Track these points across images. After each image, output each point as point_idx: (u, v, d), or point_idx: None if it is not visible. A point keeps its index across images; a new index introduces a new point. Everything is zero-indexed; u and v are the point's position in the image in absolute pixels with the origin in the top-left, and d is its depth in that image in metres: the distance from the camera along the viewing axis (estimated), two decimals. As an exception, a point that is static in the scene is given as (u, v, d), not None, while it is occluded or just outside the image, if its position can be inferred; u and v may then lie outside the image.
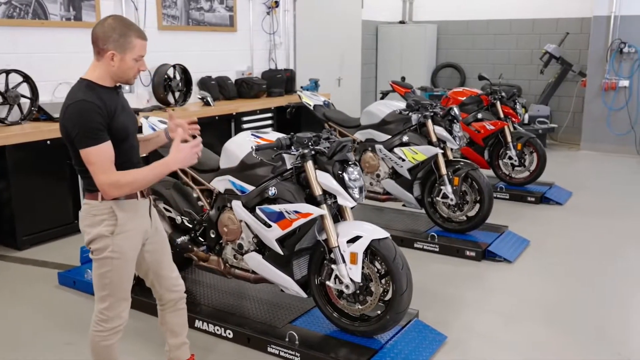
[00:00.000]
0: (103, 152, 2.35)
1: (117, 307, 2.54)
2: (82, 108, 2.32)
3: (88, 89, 2.38)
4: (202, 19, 7.23)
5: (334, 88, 9.27)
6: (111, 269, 2.48)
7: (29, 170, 4.90)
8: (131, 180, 2.39)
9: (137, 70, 2.48)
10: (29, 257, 4.73)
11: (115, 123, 2.42)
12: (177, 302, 2.84)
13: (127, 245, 2.49)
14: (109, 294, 2.51)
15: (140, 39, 2.44)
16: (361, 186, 3.22)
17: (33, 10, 5.42)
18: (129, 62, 2.42)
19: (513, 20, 10.02)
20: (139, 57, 2.45)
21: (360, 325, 3.22)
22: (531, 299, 3.96)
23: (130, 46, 2.40)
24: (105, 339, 2.55)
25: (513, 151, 6.41)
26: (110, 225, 2.45)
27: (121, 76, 2.46)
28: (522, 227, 5.33)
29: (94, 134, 2.32)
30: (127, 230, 2.48)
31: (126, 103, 2.59)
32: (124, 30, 2.40)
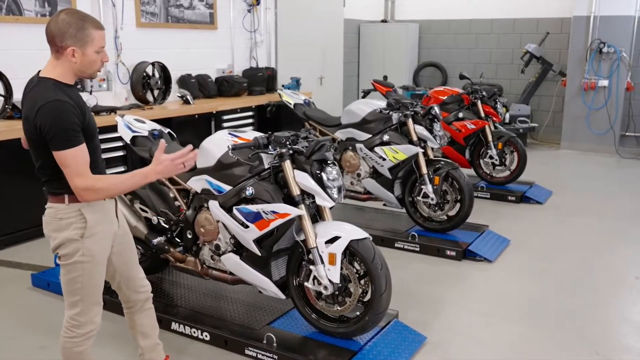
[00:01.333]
0: (79, 154, 2.27)
1: (89, 311, 2.47)
2: (58, 108, 2.23)
3: (56, 88, 2.29)
4: (182, 17, 7.14)
5: (315, 87, 9.23)
6: (82, 273, 2.40)
7: (2, 170, 4.79)
8: (107, 185, 2.32)
9: (100, 63, 2.39)
10: (3, 258, 4.63)
11: (86, 122, 2.35)
12: (144, 303, 2.78)
13: (97, 247, 2.42)
14: (80, 299, 2.44)
15: (98, 29, 2.35)
16: (340, 186, 3.18)
17: (7, 5, 5.30)
18: (91, 56, 2.34)
19: (494, 20, 10.06)
20: (100, 49, 2.36)
21: (339, 327, 3.18)
22: (511, 299, 3.96)
23: (89, 39, 2.31)
24: (77, 344, 2.48)
25: (494, 150, 6.42)
26: (80, 229, 2.37)
27: (85, 71, 2.37)
28: (503, 227, 5.33)
29: (72, 135, 2.25)
30: (97, 233, 2.41)
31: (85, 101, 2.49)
32: (80, 24, 2.30)
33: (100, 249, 2.44)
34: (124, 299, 2.76)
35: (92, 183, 2.29)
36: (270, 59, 8.67)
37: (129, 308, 2.77)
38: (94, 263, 2.42)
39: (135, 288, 2.72)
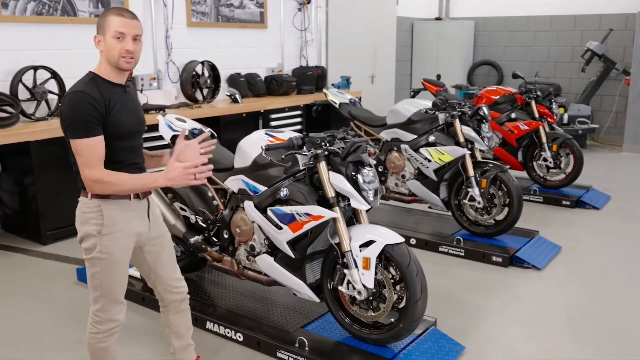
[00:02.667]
0: (92, 146, 2.30)
1: (110, 309, 2.49)
2: (78, 98, 2.29)
3: (90, 81, 2.36)
4: (232, 16, 7.19)
5: (366, 85, 9.13)
6: (100, 270, 2.42)
7: (54, 166, 4.93)
8: (115, 181, 2.33)
9: (121, 50, 2.34)
10: (52, 252, 4.77)
11: (111, 119, 2.36)
12: (180, 303, 2.78)
13: (115, 246, 2.41)
14: (100, 296, 2.46)
15: (118, 15, 2.35)
16: (376, 189, 3.09)
17: (62, 7, 5.46)
18: (109, 42, 2.34)
19: (554, 17, 9.68)
20: (117, 34, 2.33)
21: (372, 333, 3.10)
22: (558, 310, 3.77)
23: (106, 24, 2.35)
24: (100, 340, 2.51)
25: (548, 152, 6.16)
26: (97, 225, 2.38)
27: (111, 60, 2.37)
28: (555, 232, 5.11)
29: (86, 126, 2.28)
30: (115, 231, 2.41)
31: (133, 102, 2.52)
32: (104, 14, 2.38)
33: (118, 248, 2.43)
34: (159, 298, 2.77)
35: (102, 176, 2.31)
36: (320, 58, 8.63)
37: (164, 307, 2.79)
38: (112, 261, 2.42)
39: (169, 289, 2.72)
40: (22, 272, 4.42)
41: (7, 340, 3.42)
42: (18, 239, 5.08)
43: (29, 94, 5.14)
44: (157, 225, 2.65)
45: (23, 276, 4.33)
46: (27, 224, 5.06)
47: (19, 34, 5.19)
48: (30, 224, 5.01)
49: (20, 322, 3.64)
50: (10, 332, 3.52)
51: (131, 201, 2.46)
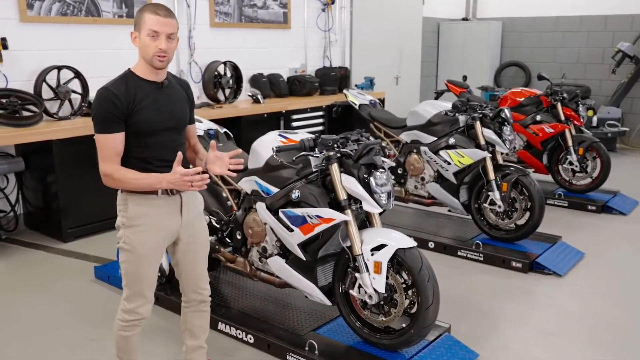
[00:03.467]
0: (109, 142, 2.38)
1: (134, 301, 2.55)
2: (101, 96, 2.38)
3: (121, 79, 2.44)
4: (255, 16, 7.20)
5: (391, 86, 9.06)
6: (125, 259, 2.52)
7: (76, 165, 5.00)
8: (121, 178, 2.39)
9: (155, 48, 2.38)
10: (72, 250, 4.83)
11: (135, 116, 2.40)
12: (199, 304, 2.81)
13: (137, 240, 2.47)
14: (126, 285, 2.55)
15: (153, 13, 2.38)
16: (389, 191, 3.04)
17: (86, 7, 5.54)
18: (144, 40, 2.40)
19: (584, 17, 9.48)
20: (151, 32, 2.38)
21: (383, 338, 3.05)
22: (577, 318, 3.67)
23: (142, 21, 2.40)
24: (123, 329, 2.59)
25: (574, 156, 6.03)
26: (123, 217, 2.49)
27: (145, 58, 2.43)
28: (578, 238, 4.98)
29: (106, 122, 2.37)
30: (138, 225, 2.46)
31: (167, 100, 2.52)
32: (140, 11, 2.42)
33: (140, 242, 2.47)
34: (182, 292, 2.81)
35: (112, 172, 2.38)
36: (344, 59, 8.60)
37: (185, 303, 2.82)
38: (135, 254, 2.48)
39: (193, 288, 2.76)
40: (41, 268, 4.48)
41: (20, 335, 3.47)
42: (40, 236, 5.17)
43: (52, 94, 5.21)
44: (193, 223, 2.64)
45: (42, 272, 4.39)
46: (49, 221, 5.14)
47: (44, 34, 5.27)
48: (52, 222, 5.08)
49: (34, 317, 3.69)
50: (23, 327, 3.57)
51: (159, 197, 2.47)
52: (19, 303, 3.89)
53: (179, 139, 2.60)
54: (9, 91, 4.94)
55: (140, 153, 2.45)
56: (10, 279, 4.32)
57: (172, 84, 2.57)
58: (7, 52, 4.98)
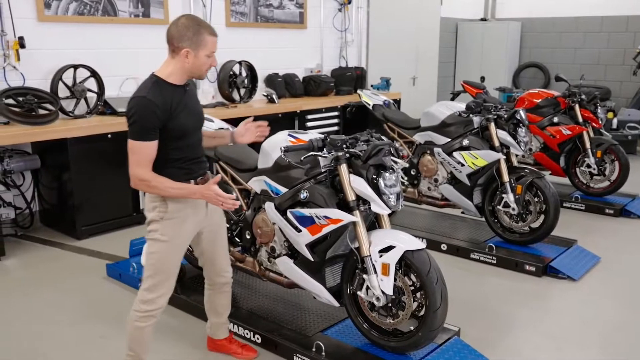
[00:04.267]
0: (145, 149, 2.52)
1: (156, 290, 2.68)
2: (142, 105, 2.49)
3: (155, 86, 2.54)
4: (271, 16, 7.21)
5: (407, 87, 9.02)
6: (156, 250, 2.67)
7: (90, 163, 5.04)
8: (159, 186, 2.55)
9: (209, 66, 2.64)
10: (85, 247, 4.87)
11: (172, 122, 2.55)
12: (223, 286, 3.07)
13: (174, 231, 2.66)
14: (151, 275, 2.68)
15: (212, 35, 2.59)
16: (398, 193, 3.02)
17: (103, 7, 5.58)
18: (202, 59, 2.58)
19: (605, 17, 9.34)
20: (210, 54, 2.60)
21: (391, 340, 3.03)
22: (591, 323, 3.61)
23: (202, 43, 2.55)
24: (139, 319, 2.69)
25: (592, 158, 5.93)
26: (161, 212, 2.64)
27: (194, 72, 2.61)
28: (595, 242, 4.90)
29: (144, 131, 2.50)
30: (175, 218, 2.65)
31: (192, 101, 2.72)
32: (197, 29, 2.55)
33: (176, 233, 2.67)
34: (206, 277, 3.06)
35: (150, 178, 2.54)
36: (360, 59, 8.58)
37: (209, 286, 3.08)
38: (169, 244, 2.66)
39: (217, 272, 3.01)
40: (55, 265, 4.53)
41: (32, 331, 3.50)
42: (55, 233, 5.22)
43: (68, 92, 5.26)
44: (215, 215, 2.89)
45: (55, 269, 4.44)
46: (63, 218, 5.19)
47: (61, 33, 5.33)
48: (67, 219, 5.13)
49: (46, 313, 3.72)
50: (35, 322, 3.60)
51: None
52: (32, 299, 3.94)
53: (201, 134, 2.81)
54: (25, 89, 5.00)
55: (177, 154, 2.63)
56: (24, 275, 4.37)
57: (190, 84, 2.73)
58: (24, 50, 5.04)
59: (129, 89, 5.87)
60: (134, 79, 5.88)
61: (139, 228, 5.34)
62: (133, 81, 5.88)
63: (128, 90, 5.86)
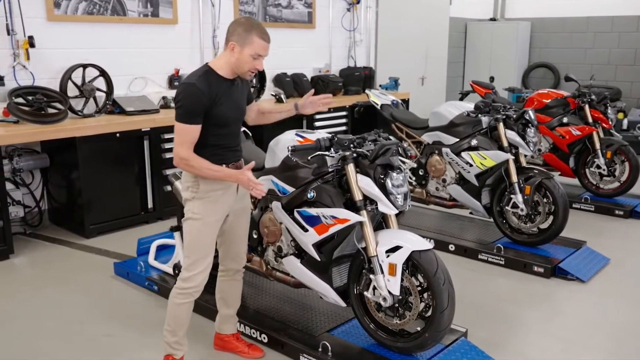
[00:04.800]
0: (189, 132, 2.66)
1: (192, 268, 2.80)
2: (189, 91, 2.64)
3: (204, 74, 2.68)
4: (280, 16, 7.21)
5: (416, 87, 8.99)
6: (190, 229, 2.81)
7: (99, 162, 5.06)
8: (196, 165, 2.67)
9: (252, 66, 2.70)
10: (94, 246, 4.89)
11: (215, 110, 2.68)
12: (235, 273, 3.13)
13: (206, 209, 2.78)
14: (187, 254, 2.83)
15: (262, 39, 2.67)
16: (405, 193, 3.00)
17: (112, 7, 5.60)
18: (245, 57, 2.66)
19: (615, 17, 9.27)
20: (256, 55, 2.67)
21: (397, 341, 3.02)
22: (600, 325, 3.58)
23: (249, 41, 2.65)
24: (177, 296, 2.84)
25: (602, 159, 5.89)
26: (193, 192, 2.79)
27: (238, 68, 2.70)
28: (604, 243, 4.86)
29: (189, 115, 2.64)
30: (206, 197, 2.77)
31: (237, 95, 2.82)
32: (249, 28, 2.66)
33: (208, 211, 2.79)
34: (220, 263, 3.11)
35: (190, 158, 2.67)
36: (369, 59, 8.56)
37: (222, 272, 3.13)
38: (201, 222, 2.79)
39: (233, 257, 3.09)
40: (63, 263, 4.55)
41: (39, 329, 3.52)
42: (63, 231, 5.24)
43: (77, 91, 5.28)
44: (244, 200, 3.03)
45: (63, 268, 4.46)
46: (72, 217, 5.21)
47: (70, 32, 5.35)
48: (75, 218, 5.15)
49: (53, 312, 3.74)
50: (43, 321, 3.62)
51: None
52: (40, 297, 3.95)
53: (240, 126, 2.96)
54: (35, 89, 5.02)
55: (215, 140, 2.75)
56: (32, 273, 4.39)
57: (238, 81, 2.84)
58: (33, 50, 5.06)
59: (138, 88, 5.90)
60: (142, 79, 5.91)
61: (147, 227, 5.35)
62: (142, 80, 5.91)
63: (137, 89, 5.88)
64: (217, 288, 3.17)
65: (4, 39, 4.94)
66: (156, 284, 3.98)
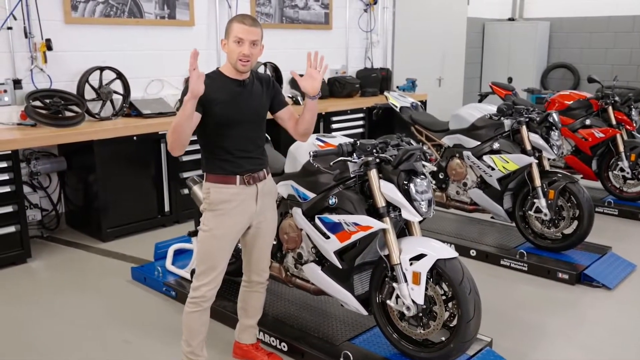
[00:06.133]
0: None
1: (202, 278, 2.78)
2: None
3: (211, 73, 2.70)
4: (297, 17, 7.15)
5: (433, 88, 8.88)
6: (201, 240, 2.80)
7: (116, 165, 5.03)
8: (169, 131, 2.58)
9: (239, 53, 2.61)
10: (111, 250, 4.86)
11: (216, 108, 2.63)
12: (257, 285, 3.06)
13: (215, 222, 2.74)
14: (197, 264, 2.83)
15: (240, 23, 2.61)
16: (430, 199, 2.93)
17: (129, 9, 5.58)
18: (231, 46, 2.63)
19: (637, 17, 9.10)
20: (237, 39, 2.60)
21: (421, 351, 2.94)
22: (628, 334, 3.47)
23: (230, 30, 2.64)
24: (187, 304, 2.82)
25: (625, 162, 5.77)
26: (207, 203, 2.78)
27: (231, 61, 2.67)
28: (630, 249, 4.75)
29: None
30: (217, 209, 2.74)
31: (247, 95, 2.73)
32: (231, 20, 2.66)
33: (217, 225, 2.74)
34: (244, 273, 3.06)
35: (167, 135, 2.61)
36: (386, 60, 8.48)
37: (246, 283, 3.07)
38: (211, 234, 2.75)
39: (256, 271, 3.02)
40: (79, 267, 4.52)
41: (56, 333, 3.49)
42: (80, 235, 5.22)
43: (94, 94, 5.26)
44: (265, 211, 2.90)
45: (80, 272, 4.43)
46: (89, 220, 5.19)
47: (87, 35, 5.33)
48: (92, 221, 5.13)
49: (70, 316, 3.71)
50: (60, 325, 3.59)
51: (237, 186, 2.75)
52: (57, 301, 3.93)
53: (257, 132, 2.83)
54: (52, 92, 5.01)
55: (221, 142, 2.70)
56: (49, 277, 4.37)
57: (253, 81, 2.78)
58: (51, 53, 5.05)
59: (155, 90, 5.87)
60: (159, 81, 5.88)
61: (164, 230, 5.32)
62: (159, 83, 5.88)
63: (153, 92, 5.85)
64: (240, 297, 3.12)
65: (22, 42, 4.93)
66: (174, 289, 3.93)
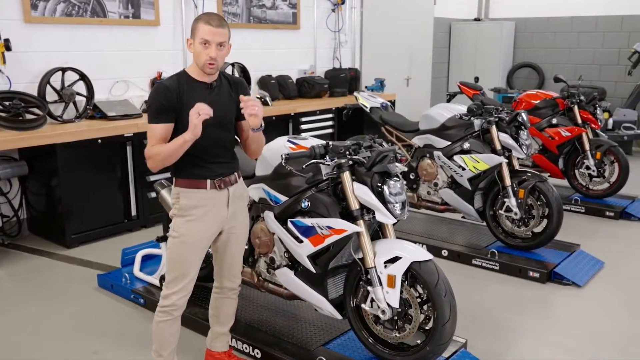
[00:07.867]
0: (156, 130, 2.56)
1: (172, 286, 2.70)
2: (155, 89, 2.60)
3: (176, 76, 2.64)
4: (264, 17, 7.07)
5: (401, 88, 8.91)
6: (171, 246, 2.71)
7: (80, 169, 4.89)
8: (156, 152, 2.54)
9: (206, 57, 2.54)
10: (76, 256, 4.71)
11: (184, 112, 2.52)
12: (229, 291, 2.97)
13: (185, 228, 2.66)
14: (167, 271, 2.74)
15: (206, 23, 2.53)
16: (403, 201, 2.90)
17: (92, 8, 5.42)
18: (197, 47, 2.56)
19: (599, 17, 9.29)
20: (203, 41, 2.53)
21: (397, 355, 2.91)
22: (601, 331, 3.51)
23: (196, 30, 2.56)
24: (157, 313, 2.74)
25: (591, 160, 5.85)
26: (176, 209, 2.71)
27: (198, 63, 2.59)
28: (597, 246, 4.81)
29: (156, 112, 2.57)
30: (187, 215, 2.67)
31: (215, 99, 2.64)
32: (197, 20, 2.58)
33: (187, 231, 2.67)
34: (216, 279, 2.97)
35: (148, 152, 2.56)
36: (354, 60, 8.46)
37: (217, 289, 2.99)
38: (181, 241, 2.67)
39: (228, 276, 2.94)
40: (44, 275, 4.37)
41: (22, 346, 3.35)
42: (43, 242, 5.05)
43: (56, 96, 5.10)
44: (237, 216, 2.81)
45: (44, 280, 4.28)
46: (52, 226, 5.02)
47: (48, 35, 5.16)
48: (56, 227, 4.97)
49: (36, 327, 3.57)
50: (25, 337, 3.45)
51: (208, 191, 2.67)
52: (21, 312, 3.78)
53: (227, 135, 2.74)
54: (12, 93, 4.83)
55: (191, 149, 2.56)
56: (12, 286, 4.21)
57: (222, 84, 2.71)
58: (10, 53, 4.87)
59: (120, 92, 5.72)
60: (124, 82, 5.73)
61: (130, 236, 5.19)
62: (124, 84, 5.73)
63: (118, 93, 5.71)
64: (211, 304, 3.02)
65: (-21, 42, 4.75)
66: (142, 296, 3.83)
